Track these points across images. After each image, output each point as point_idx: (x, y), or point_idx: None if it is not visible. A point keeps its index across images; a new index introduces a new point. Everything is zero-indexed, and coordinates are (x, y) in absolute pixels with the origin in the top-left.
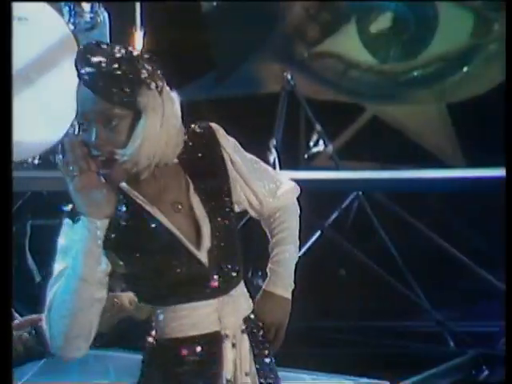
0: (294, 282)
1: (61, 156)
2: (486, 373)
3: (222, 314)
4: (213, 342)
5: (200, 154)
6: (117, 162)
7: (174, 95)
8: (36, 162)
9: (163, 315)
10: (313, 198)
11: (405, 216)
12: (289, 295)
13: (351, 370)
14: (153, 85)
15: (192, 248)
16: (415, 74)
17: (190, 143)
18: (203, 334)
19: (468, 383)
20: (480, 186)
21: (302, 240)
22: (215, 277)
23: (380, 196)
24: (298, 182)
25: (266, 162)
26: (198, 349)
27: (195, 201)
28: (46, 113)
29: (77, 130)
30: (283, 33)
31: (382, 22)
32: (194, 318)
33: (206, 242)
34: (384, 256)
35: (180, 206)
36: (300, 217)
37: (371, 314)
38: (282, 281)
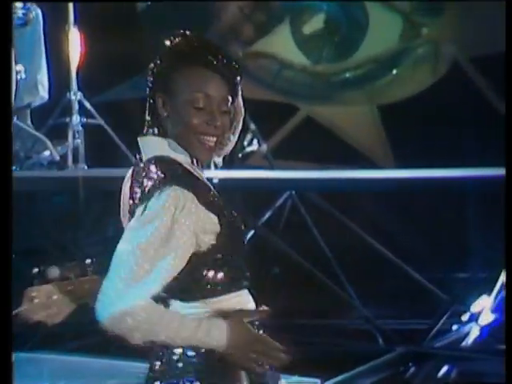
0: None
1: None
2: (413, 369)
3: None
4: (263, 322)
5: None
6: (224, 143)
7: None
8: None
9: (220, 304)
10: (246, 197)
11: (337, 215)
12: None
13: (282, 367)
14: None
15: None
16: (347, 75)
17: None
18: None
19: (396, 380)
20: (410, 187)
21: None
22: None
23: (313, 195)
24: (232, 180)
25: None
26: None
27: None
28: None
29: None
30: (218, 32)
31: (314, 24)
32: (251, 302)
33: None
34: (316, 255)
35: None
36: None
37: (303, 312)
38: None
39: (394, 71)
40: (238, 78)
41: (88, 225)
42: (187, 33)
